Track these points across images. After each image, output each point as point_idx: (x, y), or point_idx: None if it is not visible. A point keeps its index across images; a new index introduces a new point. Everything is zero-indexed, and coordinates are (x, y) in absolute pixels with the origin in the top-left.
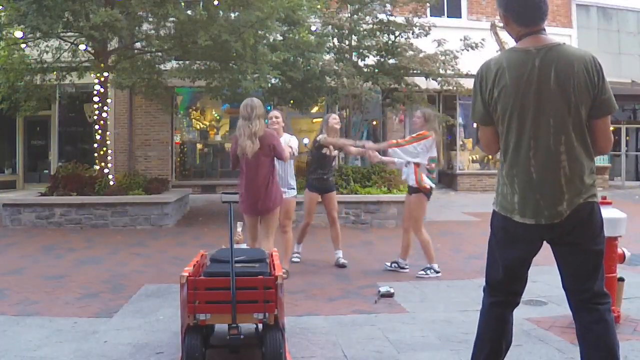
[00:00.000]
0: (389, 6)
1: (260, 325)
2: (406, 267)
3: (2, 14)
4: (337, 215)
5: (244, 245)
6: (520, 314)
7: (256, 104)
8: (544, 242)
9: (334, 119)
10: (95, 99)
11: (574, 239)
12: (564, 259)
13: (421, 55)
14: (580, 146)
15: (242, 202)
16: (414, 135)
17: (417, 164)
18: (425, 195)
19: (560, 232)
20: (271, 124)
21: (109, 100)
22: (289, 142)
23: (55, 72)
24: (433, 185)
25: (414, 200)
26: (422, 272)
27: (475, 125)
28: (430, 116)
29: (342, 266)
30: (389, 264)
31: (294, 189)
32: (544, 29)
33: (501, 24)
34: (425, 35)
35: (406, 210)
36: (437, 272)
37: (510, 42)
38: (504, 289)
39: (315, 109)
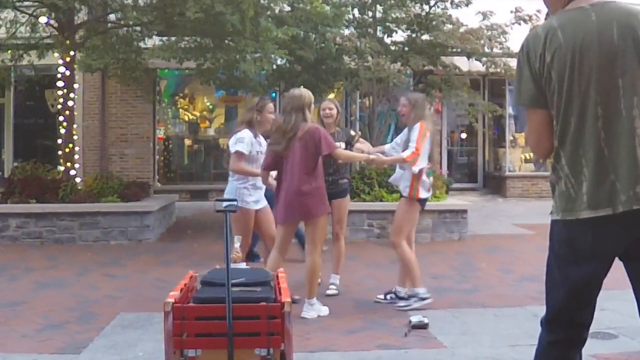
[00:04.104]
0: None
1: None
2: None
3: None
4: (342, 230)
5: (242, 265)
6: (584, 349)
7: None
8: (616, 259)
9: (323, 110)
10: (59, 83)
11: None
12: None
13: (462, 29)
14: None
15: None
16: (418, 131)
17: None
18: (418, 202)
19: (638, 236)
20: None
21: (76, 86)
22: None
23: (10, 51)
24: (429, 195)
25: (403, 206)
26: (403, 304)
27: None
28: (418, 102)
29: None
30: (382, 296)
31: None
32: None
33: None
34: (467, 5)
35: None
36: (423, 299)
37: None
38: (567, 321)
39: (331, 96)
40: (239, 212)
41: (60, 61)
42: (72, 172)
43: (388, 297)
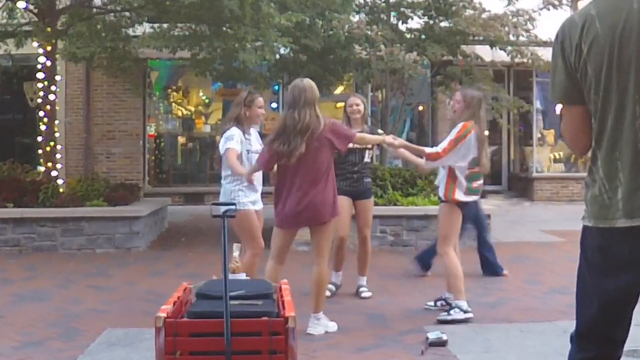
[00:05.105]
0: None
1: None
2: None
3: None
4: (369, 233)
5: (242, 276)
6: None
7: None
8: None
9: (350, 106)
10: (40, 75)
11: None
12: None
13: (485, 15)
14: None
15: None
16: (457, 131)
17: (451, 169)
18: (458, 207)
19: None
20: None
21: (58, 78)
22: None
23: None
24: (473, 199)
25: (443, 211)
26: (445, 314)
27: (557, 110)
28: (474, 100)
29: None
30: (432, 302)
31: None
32: None
33: None
34: None
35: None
36: (465, 312)
37: None
38: (600, 337)
39: (339, 89)
40: (239, 217)
41: (41, 50)
42: (54, 173)
43: (438, 303)
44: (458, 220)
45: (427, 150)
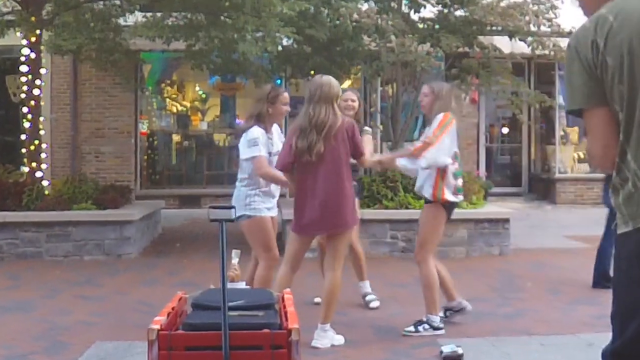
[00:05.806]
0: None
1: None
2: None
3: None
4: (357, 236)
5: (242, 284)
6: None
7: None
8: None
9: (345, 101)
10: (23, 68)
11: None
12: None
13: (503, 4)
14: None
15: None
16: (439, 120)
17: (439, 168)
18: (444, 208)
19: None
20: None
21: (43, 71)
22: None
23: None
24: (460, 198)
25: (426, 213)
26: (412, 328)
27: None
28: (442, 91)
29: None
30: (442, 313)
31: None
32: None
33: None
34: None
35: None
36: (436, 329)
37: None
38: (637, 356)
39: (347, 83)
40: (253, 223)
41: (24, 41)
42: (38, 174)
43: (447, 313)
44: (442, 224)
45: (411, 146)
